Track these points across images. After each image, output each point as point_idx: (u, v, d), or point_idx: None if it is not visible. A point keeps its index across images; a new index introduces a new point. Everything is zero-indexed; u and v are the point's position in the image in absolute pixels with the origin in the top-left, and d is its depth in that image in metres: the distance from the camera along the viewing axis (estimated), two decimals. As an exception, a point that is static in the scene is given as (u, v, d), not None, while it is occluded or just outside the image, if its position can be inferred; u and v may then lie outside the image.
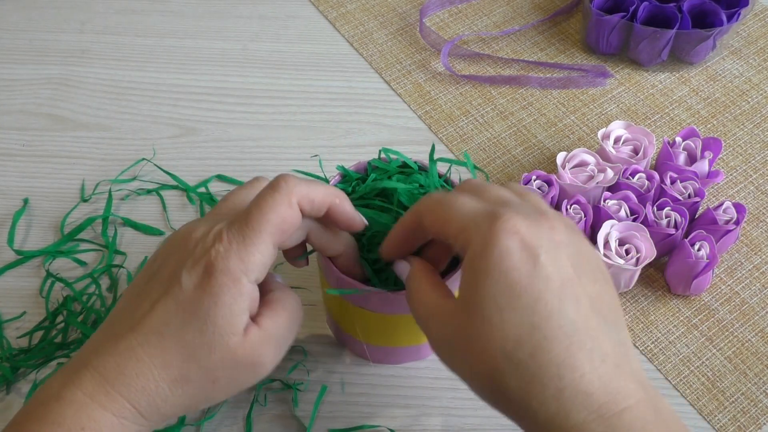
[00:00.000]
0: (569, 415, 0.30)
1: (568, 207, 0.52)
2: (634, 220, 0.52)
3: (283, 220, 0.35)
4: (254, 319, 0.36)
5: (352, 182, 0.44)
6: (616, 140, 0.57)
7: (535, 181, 0.54)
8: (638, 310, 0.52)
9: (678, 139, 0.56)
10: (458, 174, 0.58)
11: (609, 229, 0.50)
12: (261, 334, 0.35)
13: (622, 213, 0.52)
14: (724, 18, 0.63)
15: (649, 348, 0.50)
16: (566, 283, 0.32)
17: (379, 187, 0.42)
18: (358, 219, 0.39)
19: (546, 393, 0.31)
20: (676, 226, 0.51)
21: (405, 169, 0.44)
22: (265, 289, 0.38)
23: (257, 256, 0.34)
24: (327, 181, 0.45)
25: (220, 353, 0.34)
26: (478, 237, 0.32)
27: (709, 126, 0.62)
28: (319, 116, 0.63)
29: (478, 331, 0.32)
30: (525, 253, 0.31)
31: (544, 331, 0.31)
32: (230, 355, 0.35)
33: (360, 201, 0.42)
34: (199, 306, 0.34)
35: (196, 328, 0.34)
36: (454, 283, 0.40)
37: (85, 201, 0.57)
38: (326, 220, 0.38)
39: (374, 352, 0.48)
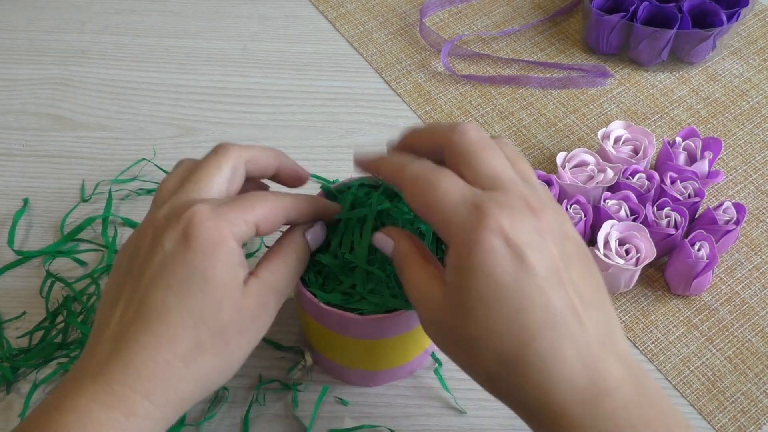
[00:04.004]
0: (554, 400, 0.31)
1: (568, 207, 0.52)
2: (634, 220, 0.52)
3: (236, 159, 0.38)
4: (252, 272, 0.36)
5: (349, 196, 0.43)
6: (616, 140, 0.57)
7: (535, 181, 0.54)
8: (638, 310, 0.52)
9: (678, 139, 0.56)
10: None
11: (609, 229, 0.50)
12: (260, 284, 0.36)
13: (622, 213, 0.52)
14: (724, 18, 0.63)
15: (649, 348, 0.50)
16: (552, 274, 0.32)
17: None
18: (302, 172, 0.41)
19: (532, 382, 0.32)
20: (676, 226, 0.51)
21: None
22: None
23: (237, 214, 0.35)
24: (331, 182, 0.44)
25: (228, 309, 0.34)
26: (462, 235, 0.32)
27: (709, 126, 0.62)
28: (319, 116, 0.63)
29: (467, 327, 0.32)
30: (510, 252, 0.32)
31: (530, 326, 0.31)
32: (238, 308, 0.34)
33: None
34: (194, 268, 0.33)
35: (197, 289, 0.33)
36: None
37: (85, 201, 0.57)
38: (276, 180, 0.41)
39: (354, 376, 0.47)
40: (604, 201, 0.52)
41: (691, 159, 0.56)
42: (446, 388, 0.48)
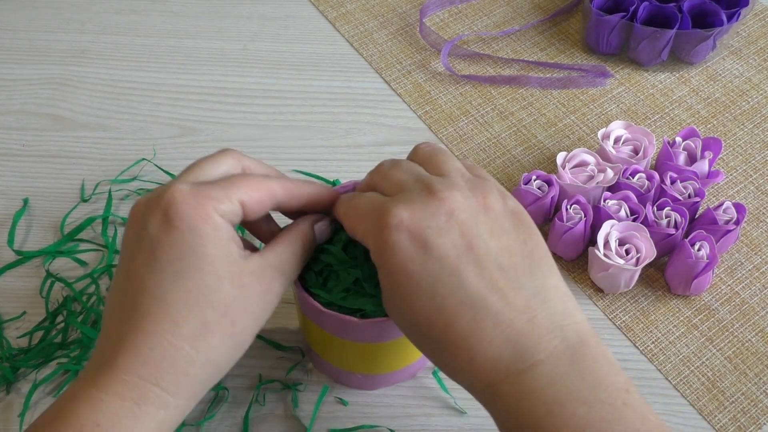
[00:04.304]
0: (481, 379, 0.32)
1: (568, 207, 0.52)
2: (634, 220, 0.52)
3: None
4: (254, 252, 0.36)
5: None
6: (616, 140, 0.57)
7: (535, 181, 0.54)
8: (638, 310, 0.52)
9: (678, 139, 0.56)
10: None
11: (609, 229, 0.50)
12: (262, 261, 0.35)
13: (622, 213, 0.52)
14: (724, 18, 0.63)
15: (649, 348, 0.50)
16: (463, 254, 0.33)
17: None
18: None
19: (461, 362, 0.33)
20: (676, 226, 0.51)
21: None
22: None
23: (219, 191, 0.34)
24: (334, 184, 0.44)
25: (229, 284, 0.33)
26: (372, 238, 0.34)
27: (709, 126, 0.62)
28: (319, 116, 0.63)
29: (400, 321, 0.35)
30: (414, 242, 0.33)
31: (448, 309, 0.32)
32: (239, 283, 0.34)
33: None
34: (184, 247, 0.33)
35: (192, 268, 0.33)
36: None
37: (85, 201, 0.57)
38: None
39: (353, 379, 0.47)
40: (604, 201, 0.52)
41: (691, 159, 0.56)
42: (445, 390, 0.48)
